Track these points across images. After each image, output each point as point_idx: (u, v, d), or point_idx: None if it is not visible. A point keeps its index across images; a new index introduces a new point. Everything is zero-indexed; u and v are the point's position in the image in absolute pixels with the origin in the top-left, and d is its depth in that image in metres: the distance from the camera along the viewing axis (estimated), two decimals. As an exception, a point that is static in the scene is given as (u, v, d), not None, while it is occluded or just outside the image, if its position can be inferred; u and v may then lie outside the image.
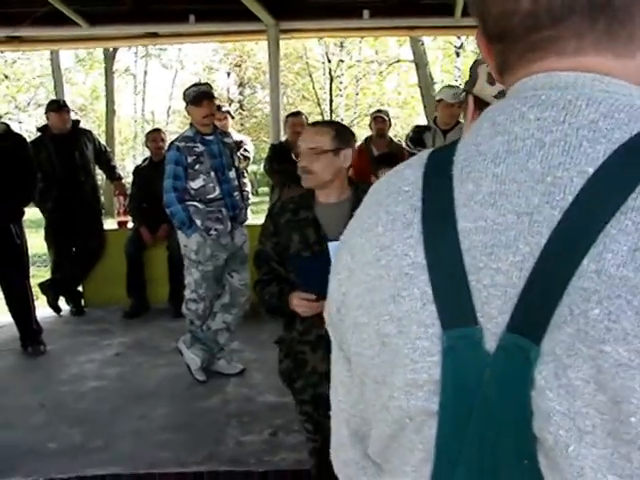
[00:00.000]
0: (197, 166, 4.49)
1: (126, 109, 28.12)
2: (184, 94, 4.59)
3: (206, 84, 4.84)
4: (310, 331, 2.76)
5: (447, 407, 0.71)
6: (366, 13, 6.79)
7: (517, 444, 0.67)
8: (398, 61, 24.68)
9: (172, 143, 4.63)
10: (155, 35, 7.52)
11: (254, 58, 27.61)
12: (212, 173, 4.52)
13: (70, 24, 6.75)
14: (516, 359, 0.67)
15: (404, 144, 5.28)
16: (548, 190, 0.67)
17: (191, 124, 4.64)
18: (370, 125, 6.83)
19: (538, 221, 0.67)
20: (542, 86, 0.72)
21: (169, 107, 29.98)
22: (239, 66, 28.76)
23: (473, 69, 1.48)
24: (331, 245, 1.80)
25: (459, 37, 18.58)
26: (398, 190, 0.78)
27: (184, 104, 4.65)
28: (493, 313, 0.69)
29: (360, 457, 0.89)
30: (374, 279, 0.75)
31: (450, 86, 5.63)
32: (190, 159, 4.48)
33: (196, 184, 4.49)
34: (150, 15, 6.87)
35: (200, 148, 4.50)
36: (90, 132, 6.98)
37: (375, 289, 0.75)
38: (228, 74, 29.12)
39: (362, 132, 27.01)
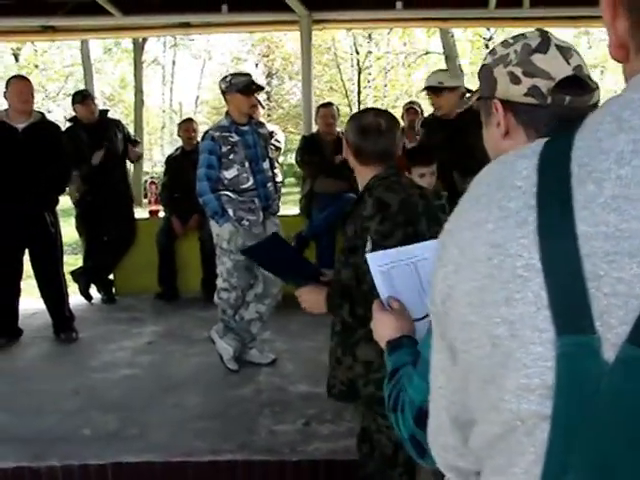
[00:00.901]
0: (231, 156, 4.48)
1: (154, 99, 28.27)
2: (229, 82, 4.52)
3: (250, 74, 4.81)
4: None
5: (560, 413, 0.68)
6: (399, 4, 6.76)
7: (635, 459, 0.64)
8: (427, 53, 24.53)
9: (207, 132, 4.62)
10: (188, 25, 7.54)
11: (282, 49, 27.59)
12: (246, 163, 4.52)
13: (103, 14, 6.77)
14: (636, 373, 0.64)
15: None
16: None
17: (227, 113, 4.62)
18: (402, 116, 6.79)
19: None
20: None
21: (197, 97, 30.07)
22: (267, 56, 28.75)
23: (486, 74, 1.39)
24: (369, 256, 1.80)
25: (488, 29, 18.45)
26: (511, 184, 0.73)
27: (224, 92, 4.56)
28: (613, 323, 0.66)
29: (460, 444, 0.88)
30: (485, 278, 0.72)
31: (440, 70, 5.54)
32: (225, 149, 4.47)
33: (230, 174, 4.49)
34: (183, 5, 6.88)
35: (235, 138, 4.49)
36: (119, 121, 7.04)
37: (486, 288, 0.72)
38: (256, 65, 29.16)
39: (389, 124, 26.85)
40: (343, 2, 6.83)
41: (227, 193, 4.51)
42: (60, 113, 22.70)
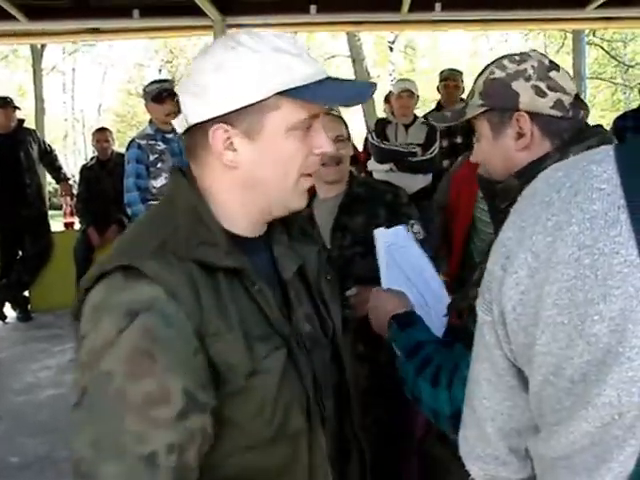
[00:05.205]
0: (159, 164, 4.36)
1: (55, 108, 27.32)
2: (144, 91, 4.47)
3: (168, 81, 4.72)
4: None
5: None
6: (313, 8, 6.73)
7: None
8: (333, 56, 24.68)
9: (133, 140, 4.49)
10: (97, 31, 7.30)
11: (186, 55, 27.20)
12: (174, 172, 4.42)
13: (8, 18, 6.47)
14: None
15: (369, 138, 5.23)
16: None
17: (150, 121, 4.51)
18: (321, 121, 6.77)
19: None
20: None
21: (100, 105, 29.34)
22: (170, 62, 28.29)
23: (500, 87, 1.39)
24: (377, 232, 1.79)
25: (392, 31, 18.69)
26: (590, 188, 0.75)
27: (144, 101, 4.51)
28: None
29: (504, 453, 0.92)
30: (574, 279, 0.73)
31: (402, 80, 5.69)
32: (152, 157, 4.36)
33: (158, 183, 4.37)
34: (92, 10, 6.66)
35: (162, 146, 4.39)
36: (34, 131, 6.81)
37: (576, 289, 0.73)
38: (160, 71, 28.62)
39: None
40: (257, 7, 6.76)
41: (155, 203, 4.38)
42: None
